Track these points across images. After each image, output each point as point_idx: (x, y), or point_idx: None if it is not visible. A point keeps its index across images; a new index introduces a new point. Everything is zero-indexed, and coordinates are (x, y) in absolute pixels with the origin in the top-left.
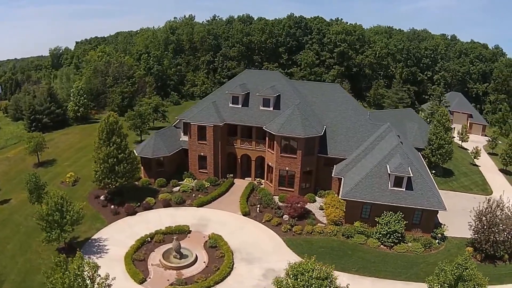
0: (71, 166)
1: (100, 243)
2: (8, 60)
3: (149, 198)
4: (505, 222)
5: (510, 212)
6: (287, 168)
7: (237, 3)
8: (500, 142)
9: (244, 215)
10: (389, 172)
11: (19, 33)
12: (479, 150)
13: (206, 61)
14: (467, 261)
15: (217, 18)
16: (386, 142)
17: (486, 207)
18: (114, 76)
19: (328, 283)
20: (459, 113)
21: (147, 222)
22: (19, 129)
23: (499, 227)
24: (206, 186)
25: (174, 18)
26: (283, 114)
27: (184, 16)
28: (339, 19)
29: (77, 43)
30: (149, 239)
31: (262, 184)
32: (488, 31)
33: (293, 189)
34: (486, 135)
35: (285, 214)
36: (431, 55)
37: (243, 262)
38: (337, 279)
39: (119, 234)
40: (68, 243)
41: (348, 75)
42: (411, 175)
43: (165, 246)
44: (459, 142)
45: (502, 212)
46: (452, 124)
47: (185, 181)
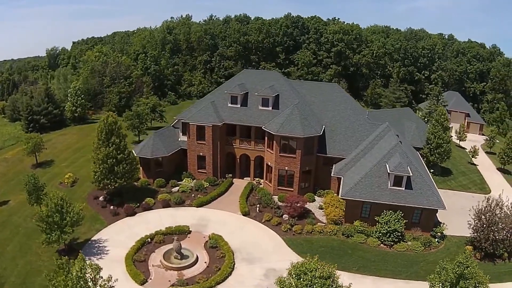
0: (69, 166)
1: (100, 244)
2: (5, 60)
3: (148, 198)
4: (504, 220)
5: (509, 210)
6: (286, 167)
7: (235, 2)
8: (497, 141)
9: (244, 215)
10: (388, 171)
11: (16, 34)
12: (477, 149)
13: (203, 61)
14: (468, 260)
15: (214, 17)
16: (385, 141)
17: (485, 206)
18: (111, 76)
19: (330, 282)
20: (457, 112)
21: (146, 222)
22: (16, 130)
23: (498, 226)
24: (205, 186)
25: (171, 18)
26: (282, 113)
27: (181, 16)
28: (336, 18)
29: (74, 43)
30: (149, 239)
31: (261, 184)
32: (485, 31)
33: (292, 189)
34: (483, 134)
35: (285, 213)
36: (428, 55)
37: (244, 262)
38: (339, 278)
39: (119, 235)
40: (68, 244)
41: (345, 74)
42: (411, 174)
43: (166, 246)
44: (457, 141)
45: (501, 210)
46: (449, 123)
47: (184, 181)
